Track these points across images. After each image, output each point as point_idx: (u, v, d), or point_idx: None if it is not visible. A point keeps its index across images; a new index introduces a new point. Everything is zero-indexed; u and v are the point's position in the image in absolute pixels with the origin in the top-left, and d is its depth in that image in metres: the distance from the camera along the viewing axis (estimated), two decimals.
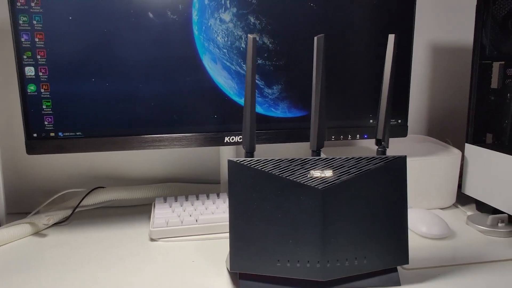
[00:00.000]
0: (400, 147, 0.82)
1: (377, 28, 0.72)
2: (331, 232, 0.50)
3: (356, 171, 0.51)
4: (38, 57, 0.61)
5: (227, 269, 0.55)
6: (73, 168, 0.82)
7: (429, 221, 0.66)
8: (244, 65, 0.68)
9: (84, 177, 0.82)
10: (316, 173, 0.50)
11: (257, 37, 0.67)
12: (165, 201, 0.73)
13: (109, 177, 0.83)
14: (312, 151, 0.54)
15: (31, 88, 0.62)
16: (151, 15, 0.64)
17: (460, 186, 0.77)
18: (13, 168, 0.80)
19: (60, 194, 0.76)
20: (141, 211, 0.78)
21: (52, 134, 0.64)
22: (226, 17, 0.66)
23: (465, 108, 0.92)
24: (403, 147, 0.83)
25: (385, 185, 0.51)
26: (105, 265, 0.57)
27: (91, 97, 0.64)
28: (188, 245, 0.63)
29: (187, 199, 0.73)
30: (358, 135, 0.74)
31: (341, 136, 0.74)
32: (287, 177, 0.50)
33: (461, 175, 0.77)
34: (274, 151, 0.88)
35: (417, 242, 0.63)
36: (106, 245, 0.64)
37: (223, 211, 0.68)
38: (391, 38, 0.52)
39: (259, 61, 0.69)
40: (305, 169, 0.50)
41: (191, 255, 0.60)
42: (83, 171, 0.82)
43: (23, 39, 0.60)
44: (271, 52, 0.69)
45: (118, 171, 0.83)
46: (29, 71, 0.62)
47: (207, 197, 0.73)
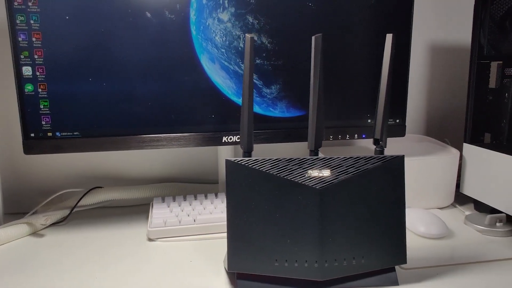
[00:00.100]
0: (398, 146, 0.82)
1: (375, 27, 0.72)
2: (329, 231, 0.50)
3: (354, 171, 0.51)
4: (35, 56, 0.61)
5: (225, 269, 0.55)
6: (71, 168, 0.81)
7: (427, 221, 0.66)
8: (242, 65, 0.68)
9: (82, 177, 0.82)
10: (314, 173, 0.50)
11: (255, 37, 0.67)
12: (163, 201, 0.73)
13: (107, 177, 0.83)
14: (310, 150, 0.54)
15: (29, 87, 0.62)
16: (148, 15, 0.64)
17: (458, 185, 0.77)
18: (10, 168, 0.80)
19: (57, 194, 0.76)
20: (139, 211, 0.78)
21: (49, 134, 0.64)
22: (224, 16, 0.66)
23: (463, 107, 0.92)
24: (401, 146, 0.83)
25: (383, 185, 0.51)
26: (103, 265, 0.57)
27: (88, 97, 0.64)
28: (186, 245, 0.63)
29: (185, 199, 0.73)
30: (356, 135, 0.74)
31: (339, 135, 0.74)
32: (285, 177, 0.50)
33: (459, 175, 0.77)
34: (272, 151, 0.88)
35: (415, 241, 0.63)
36: (104, 245, 0.64)
37: (221, 211, 0.68)
38: (389, 37, 0.52)
39: (257, 61, 0.69)
40: (303, 169, 0.50)
41: (189, 255, 0.60)
42: (80, 171, 0.82)
43: (20, 39, 0.60)
44: (270, 51, 0.69)
45: (116, 171, 0.83)
46: (27, 70, 0.61)
47: (205, 197, 0.73)
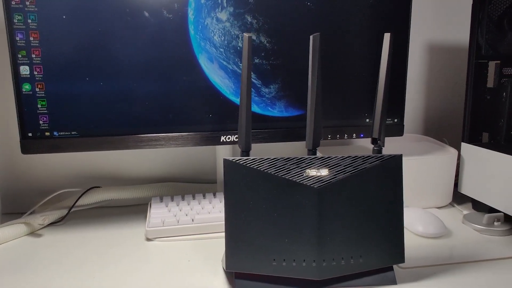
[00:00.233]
0: (396, 146, 0.82)
1: (374, 27, 0.72)
2: (327, 231, 0.50)
3: (352, 170, 0.51)
4: (33, 56, 0.61)
5: (223, 268, 0.55)
6: (69, 167, 0.81)
7: (425, 220, 0.66)
8: (241, 64, 0.68)
9: (79, 177, 0.82)
10: (312, 172, 0.50)
11: (253, 36, 0.67)
12: (161, 200, 0.73)
13: (105, 177, 0.83)
14: (308, 150, 0.54)
15: (26, 87, 0.62)
16: (146, 14, 0.64)
17: (456, 185, 0.78)
18: (8, 167, 0.79)
19: (55, 194, 0.76)
20: (137, 210, 0.78)
21: (47, 133, 0.64)
22: (222, 16, 0.66)
23: (462, 107, 0.92)
24: (400, 146, 0.83)
25: (381, 184, 0.51)
26: (101, 265, 0.57)
27: (86, 97, 0.64)
28: (184, 244, 0.63)
29: (183, 199, 0.73)
30: (354, 134, 0.74)
31: (338, 135, 0.74)
32: (283, 176, 0.50)
33: (457, 174, 0.77)
34: (270, 151, 0.88)
35: (413, 241, 0.63)
36: (102, 245, 0.63)
37: (219, 210, 0.68)
38: (387, 36, 0.52)
39: (256, 61, 0.69)
40: (301, 168, 0.50)
41: (187, 254, 0.60)
42: (78, 170, 0.82)
43: (17, 38, 0.60)
44: (268, 51, 0.69)
45: (114, 170, 0.83)
46: (24, 70, 0.61)
47: (204, 196, 0.73)
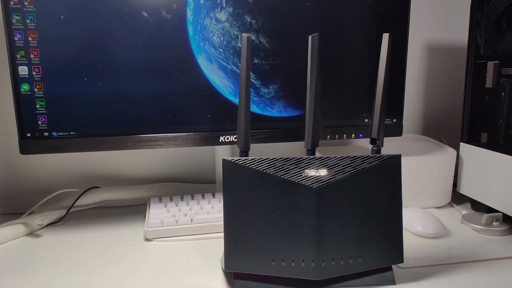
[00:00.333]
0: (395, 146, 0.83)
1: (373, 27, 0.72)
2: (326, 231, 0.50)
3: (351, 170, 0.51)
4: (31, 56, 0.61)
5: (222, 268, 0.55)
6: (68, 168, 0.81)
7: (424, 220, 0.66)
8: (240, 65, 0.68)
9: (78, 177, 0.82)
10: (311, 172, 0.50)
11: (252, 36, 0.67)
12: (160, 201, 0.73)
13: (104, 177, 0.83)
14: (307, 150, 0.54)
15: (25, 87, 0.62)
16: (145, 14, 0.64)
17: (455, 185, 0.78)
18: (6, 168, 0.79)
19: (54, 194, 0.76)
20: (136, 211, 0.78)
21: (46, 133, 0.64)
22: (222, 16, 0.66)
23: (460, 107, 0.92)
24: (399, 146, 0.83)
25: (380, 184, 0.51)
26: (100, 266, 0.57)
27: (85, 97, 0.64)
28: (183, 245, 0.63)
29: (182, 199, 0.73)
30: (353, 134, 0.74)
31: (336, 135, 0.74)
32: (282, 176, 0.50)
33: (456, 174, 0.77)
34: (269, 151, 0.88)
35: (412, 241, 0.63)
36: (101, 245, 0.63)
37: (218, 210, 0.68)
38: (385, 37, 0.52)
39: (255, 61, 0.68)
40: (300, 168, 0.50)
41: (186, 255, 0.60)
42: (77, 171, 0.82)
43: (16, 38, 0.60)
44: (268, 51, 0.69)
45: (112, 171, 0.83)
46: (23, 70, 0.61)
47: (203, 196, 0.73)
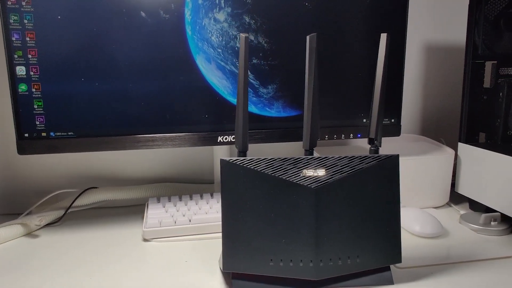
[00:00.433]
0: (393, 146, 0.83)
1: (371, 27, 0.72)
2: (324, 231, 0.50)
3: (349, 170, 0.51)
4: (29, 56, 0.61)
5: (220, 269, 0.55)
6: (65, 168, 0.81)
7: (422, 220, 0.66)
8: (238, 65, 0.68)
9: (76, 178, 0.82)
10: (309, 172, 0.50)
11: (250, 36, 0.67)
12: (159, 201, 0.73)
13: (102, 177, 0.83)
14: (305, 150, 0.54)
15: (22, 87, 0.62)
16: (143, 14, 0.64)
17: (453, 185, 0.78)
18: (4, 168, 0.79)
19: (52, 194, 0.75)
20: (134, 211, 0.78)
21: (43, 134, 0.64)
22: (220, 16, 0.66)
23: (458, 107, 0.92)
24: (397, 146, 0.83)
25: (378, 184, 0.51)
26: (98, 266, 0.57)
27: (83, 97, 0.64)
28: (181, 245, 0.63)
29: (180, 199, 0.73)
30: (351, 134, 0.74)
31: (335, 135, 0.74)
32: (280, 177, 0.50)
33: (455, 174, 0.77)
34: (268, 151, 0.88)
35: (410, 241, 0.64)
36: (99, 245, 0.63)
37: (216, 211, 0.68)
38: (383, 37, 0.52)
39: (254, 61, 0.68)
40: (298, 168, 0.50)
41: (184, 255, 0.60)
42: (75, 171, 0.81)
43: (13, 38, 0.60)
44: (266, 51, 0.69)
45: (111, 171, 0.83)
46: (20, 70, 0.61)
47: (201, 197, 0.73)
